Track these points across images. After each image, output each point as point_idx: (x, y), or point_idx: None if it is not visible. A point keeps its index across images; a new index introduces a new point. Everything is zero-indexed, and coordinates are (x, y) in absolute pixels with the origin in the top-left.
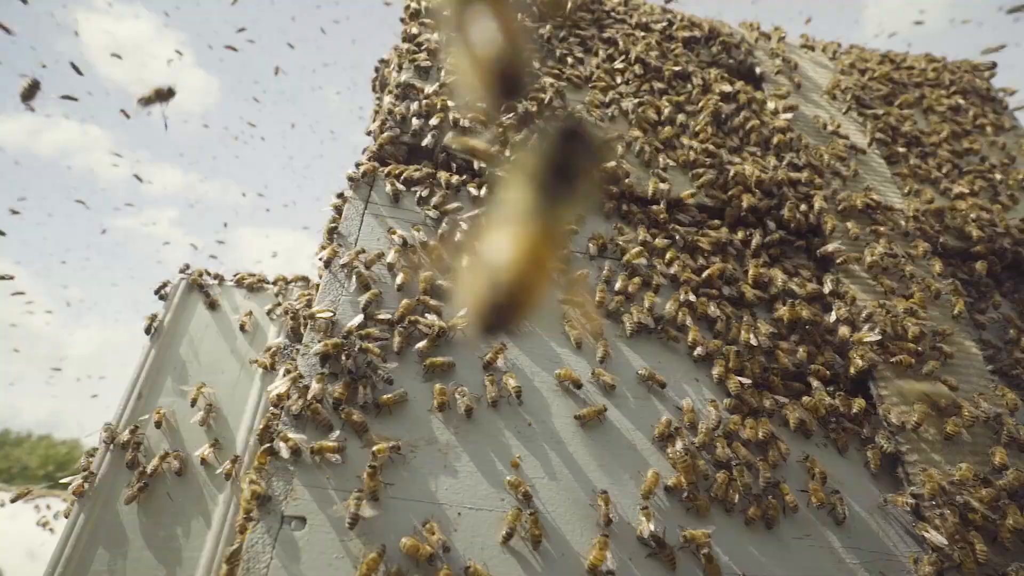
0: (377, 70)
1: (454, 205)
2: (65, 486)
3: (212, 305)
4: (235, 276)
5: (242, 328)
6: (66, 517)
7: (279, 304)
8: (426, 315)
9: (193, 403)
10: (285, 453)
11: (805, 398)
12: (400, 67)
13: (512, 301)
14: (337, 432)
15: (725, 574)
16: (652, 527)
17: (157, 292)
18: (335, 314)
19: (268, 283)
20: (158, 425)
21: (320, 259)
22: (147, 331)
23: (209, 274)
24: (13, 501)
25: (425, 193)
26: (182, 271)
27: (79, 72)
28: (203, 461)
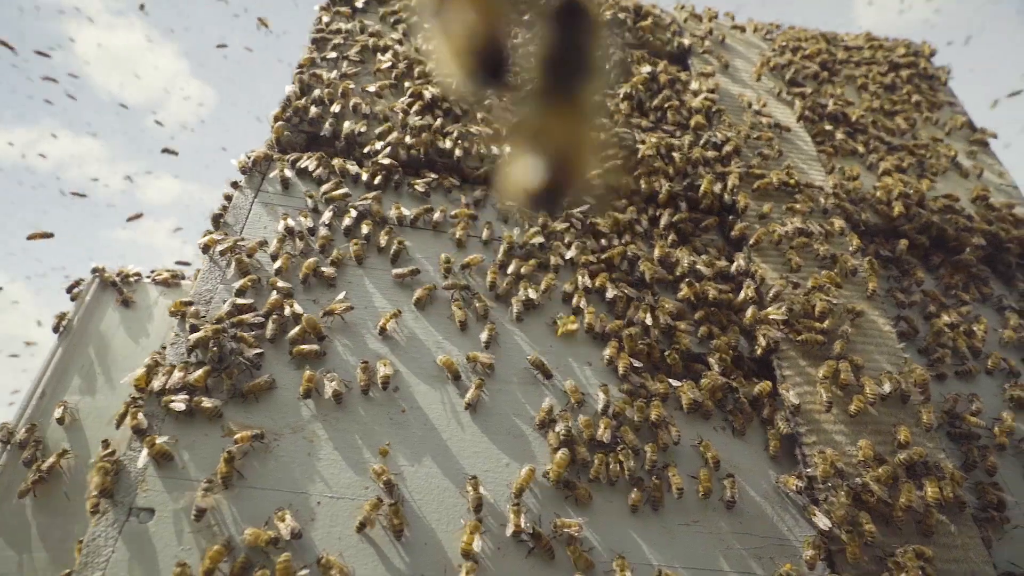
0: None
1: (342, 191)
2: None
3: (125, 303)
4: (151, 273)
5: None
6: None
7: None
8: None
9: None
10: (127, 432)
11: (703, 379)
12: (303, 66)
13: (557, 175)
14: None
15: (602, 560)
16: (523, 522)
17: (69, 291)
18: (194, 304)
19: (184, 279)
20: (61, 421)
21: (199, 246)
22: (55, 330)
23: (124, 273)
24: None
25: (323, 177)
26: (95, 270)
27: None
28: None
